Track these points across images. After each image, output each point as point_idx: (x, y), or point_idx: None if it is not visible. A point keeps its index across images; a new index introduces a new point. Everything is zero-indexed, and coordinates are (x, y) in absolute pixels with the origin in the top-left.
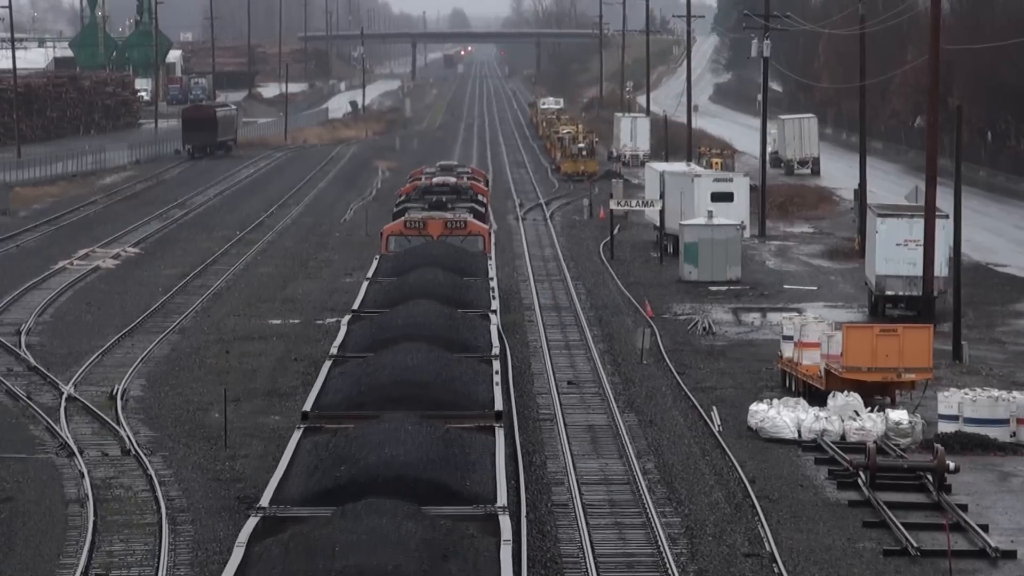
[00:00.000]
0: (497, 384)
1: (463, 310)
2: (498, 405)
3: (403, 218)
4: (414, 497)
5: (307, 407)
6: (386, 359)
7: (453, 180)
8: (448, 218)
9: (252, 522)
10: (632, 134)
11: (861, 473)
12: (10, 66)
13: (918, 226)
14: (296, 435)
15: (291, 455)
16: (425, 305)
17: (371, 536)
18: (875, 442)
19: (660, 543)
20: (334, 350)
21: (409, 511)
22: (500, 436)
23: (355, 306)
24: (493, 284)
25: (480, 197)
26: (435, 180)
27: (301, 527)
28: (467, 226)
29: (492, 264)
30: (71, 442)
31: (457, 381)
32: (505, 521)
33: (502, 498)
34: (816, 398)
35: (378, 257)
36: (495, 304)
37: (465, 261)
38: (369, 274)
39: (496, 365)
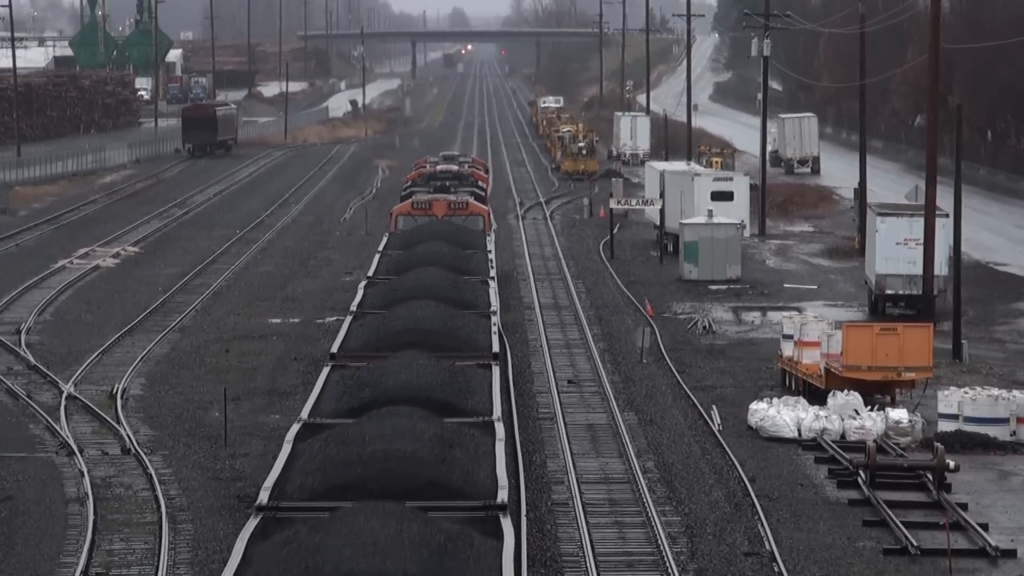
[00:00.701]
0: (495, 334)
1: (465, 276)
2: (495, 348)
3: (410, 200)
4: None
5: (334, 349)
6: (399, 313)
7: (455, 168)
8: (451, 200)
9: (295, 428)
10: (632, 133)
11: (861, 472)
12: (10, 65)
13: (918, 225)
14: (325, 371)
15: (321, 386)
16: (432, 271)
17: (393, 430)
18: (875, 441)
19: (660, 542)
20: (353, 307)
21: (423, 414)
22: (496, 371)
23: (369, 274)
24: (491, 256)
25: (480, 183)
26: (439, 168)
27: (336, 428)
28: (468, 207)
29: (491, 240)
30: (71, 441)
31: (460, 330)
32: (500, 427)
33: (496, 411)
34: (816, 397)
35: (388, 234)
36: (493, 272)
37: (466, 237)
38: (380, 248)
39: (494, 319)
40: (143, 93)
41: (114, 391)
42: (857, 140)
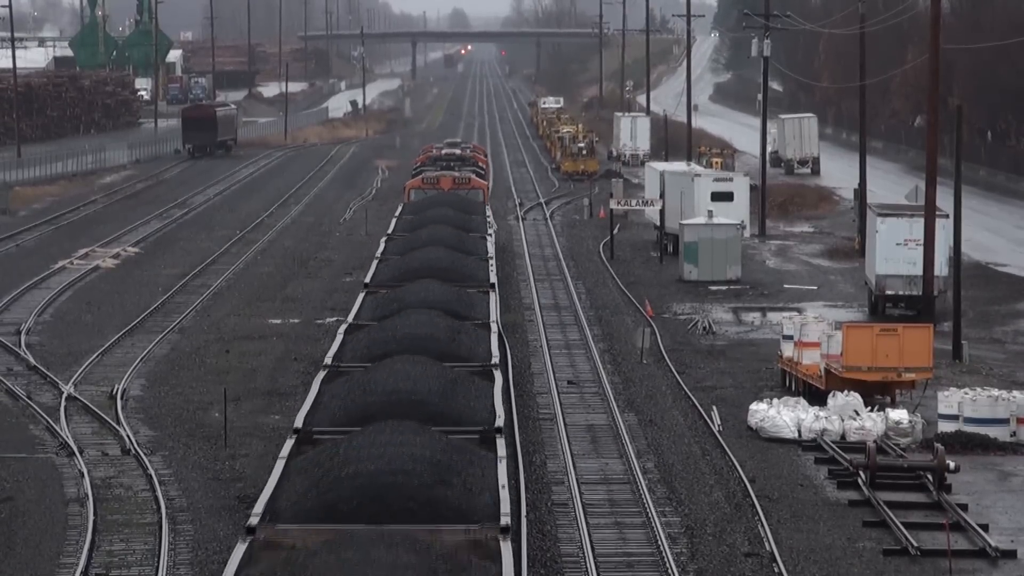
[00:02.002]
0: (492, 271)
1: (469, 233)
2: (492, 280)
3: (421, 176)
4: (437, 356)
5: (367, 280)
6: (416, 255)
7: (458, 151)
8: (456, 176)
9: (343, 327)
10: (632, 133)
11: (861, 473)
12: (10, 65)
13: (918, 226)
14: (361, 296)
15: (357, 308)
16: (441, 227)
17: (407, 369)
18: (875, 442)
19: (660, 543)
20: (378, 254)
21: (426, 359)
22: (492, 296)
23: (389, 232)
24: (489, 219)
25: (480, 164)
26: (444, 151)
27: (356, 372)
28: (470, 182)
29: (488, 208)
30: (71, 442)
31: (465, 268)
32: (494, 329)
33: (493, 315)
34: (816, 398)
35: (402, 204)
36: (491, 231)
37: (468, 205)
38: (397, 214)
39: (492, 264)
40: (143, 93)
41: (114, 392)
42: (857, 140)
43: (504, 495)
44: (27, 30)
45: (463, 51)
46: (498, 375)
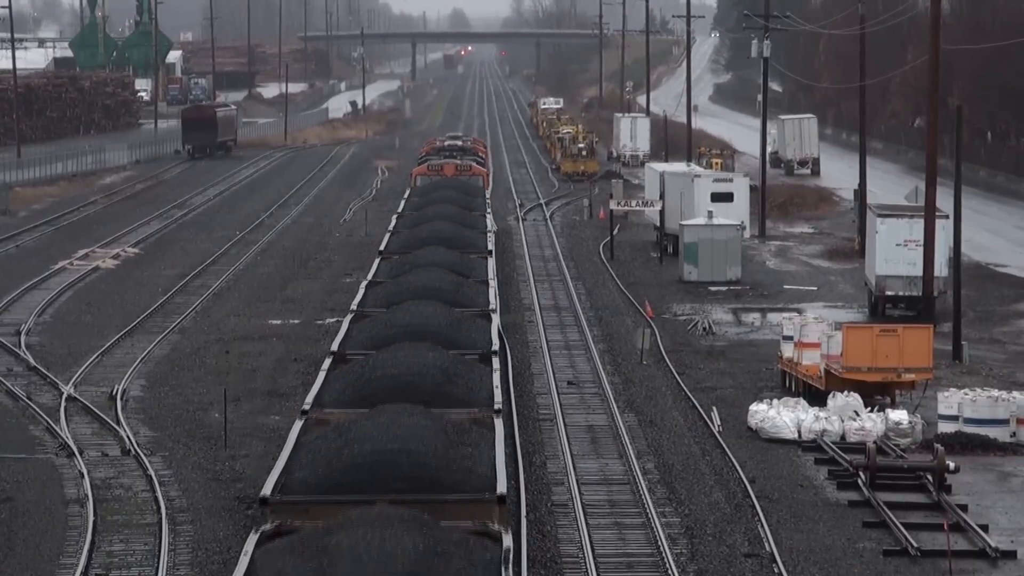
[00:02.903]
0: (490, 239)
1: (470, 211)
2: (489, 247)
3: (426, 163)
4: (446, 302)
5: (382, 248)
6: (424, 228)
7: (460, 143)
8: (458, 163)
9: (364, 285)
10: (632, 134)
11: (861, 473)
12: (10, 66)
13: (918, 226)
14: (376, 261)
15: (374, 271)
16: (445, 206)
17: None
18: (875, 442)
19: (660, 543)
20: (390, 228)
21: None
22: (492, 264)
23: (399, 211)
24: (488, 199)
25: (479, 154)
26: (447, 143)
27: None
28: (471, 169)
29: (488, 191)
30: (71, 442)
31: (467, 237)
32: (493, 283)
33: (491, 268)
34: (816, 398)
35: (409, 189)
36: (489, 211)
37: (469, 188)
38: (405, 196)
39: (491, 236)
40: (143, 94)
41: (114, 392)
42: (857, 141)
43: (495, 384)
44: (27, 30)
45: (463, 52)
46: (495, 318)
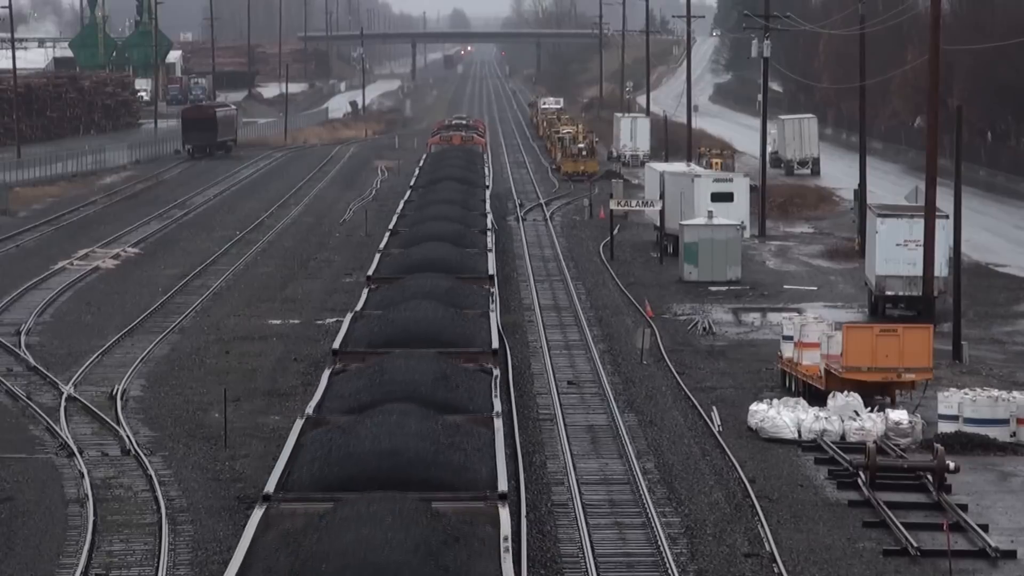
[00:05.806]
0: (487, 204)
1: (472, 171)
2: (488, 222)
3: (439, 135)
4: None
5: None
6: (436, 188)
7: (464, 121)
8: (463, 135)
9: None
10: (632, 134)
11: (861, 473)
12: (10, 66)
13: (918, 226)
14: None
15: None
16: (453, 168)
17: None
18: (875, 442)
19: (660, 543)
20: (411, 184)
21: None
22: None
23: (413, 179)
24: (487, 161)
25: (479, 129)
26: (453, 122)
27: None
28: (474, 139)
29: (487, 157)
30: (71, 442)
31: (471, 199)
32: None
33: (487, 220)
34: (816, 398)
35: (425, 154)
36: (488, 177)
37: (472, 154)
38: (421, 161)
39: (487, 192)
40: (143, 94)
41: (114, 392)
42: (857, 141)
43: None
44: (27, 30)
45: (463, 52)
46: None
